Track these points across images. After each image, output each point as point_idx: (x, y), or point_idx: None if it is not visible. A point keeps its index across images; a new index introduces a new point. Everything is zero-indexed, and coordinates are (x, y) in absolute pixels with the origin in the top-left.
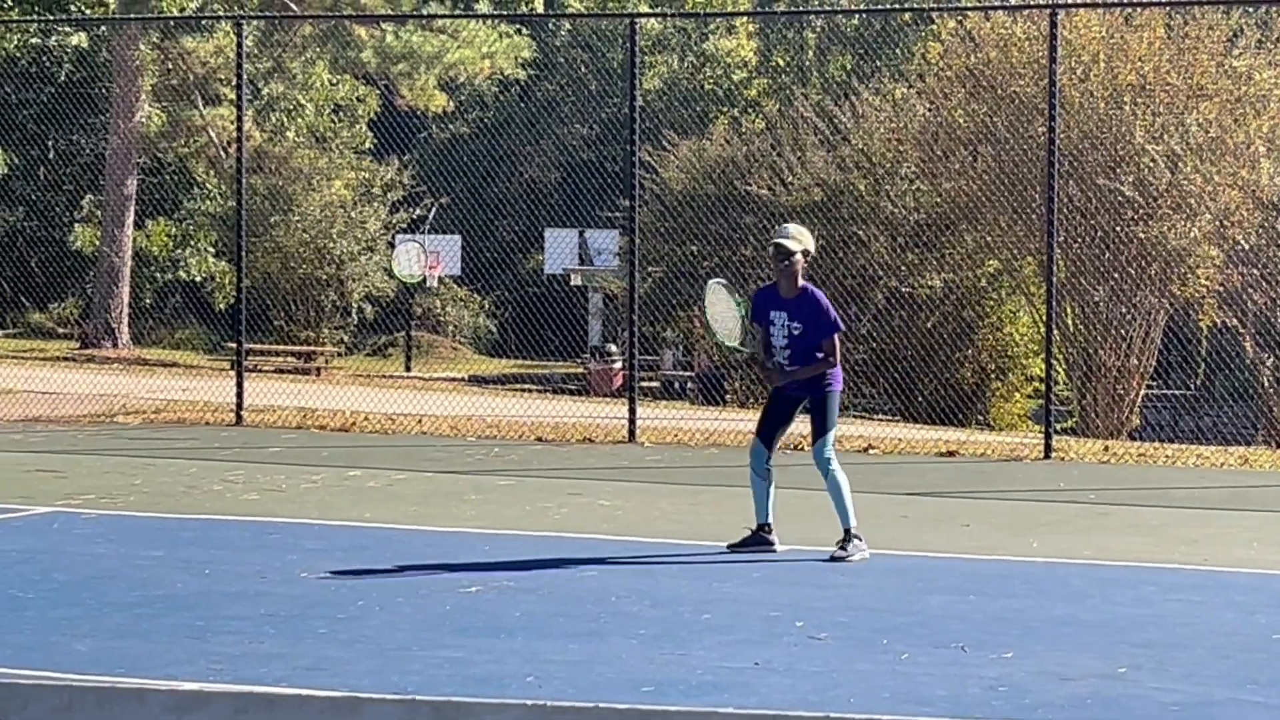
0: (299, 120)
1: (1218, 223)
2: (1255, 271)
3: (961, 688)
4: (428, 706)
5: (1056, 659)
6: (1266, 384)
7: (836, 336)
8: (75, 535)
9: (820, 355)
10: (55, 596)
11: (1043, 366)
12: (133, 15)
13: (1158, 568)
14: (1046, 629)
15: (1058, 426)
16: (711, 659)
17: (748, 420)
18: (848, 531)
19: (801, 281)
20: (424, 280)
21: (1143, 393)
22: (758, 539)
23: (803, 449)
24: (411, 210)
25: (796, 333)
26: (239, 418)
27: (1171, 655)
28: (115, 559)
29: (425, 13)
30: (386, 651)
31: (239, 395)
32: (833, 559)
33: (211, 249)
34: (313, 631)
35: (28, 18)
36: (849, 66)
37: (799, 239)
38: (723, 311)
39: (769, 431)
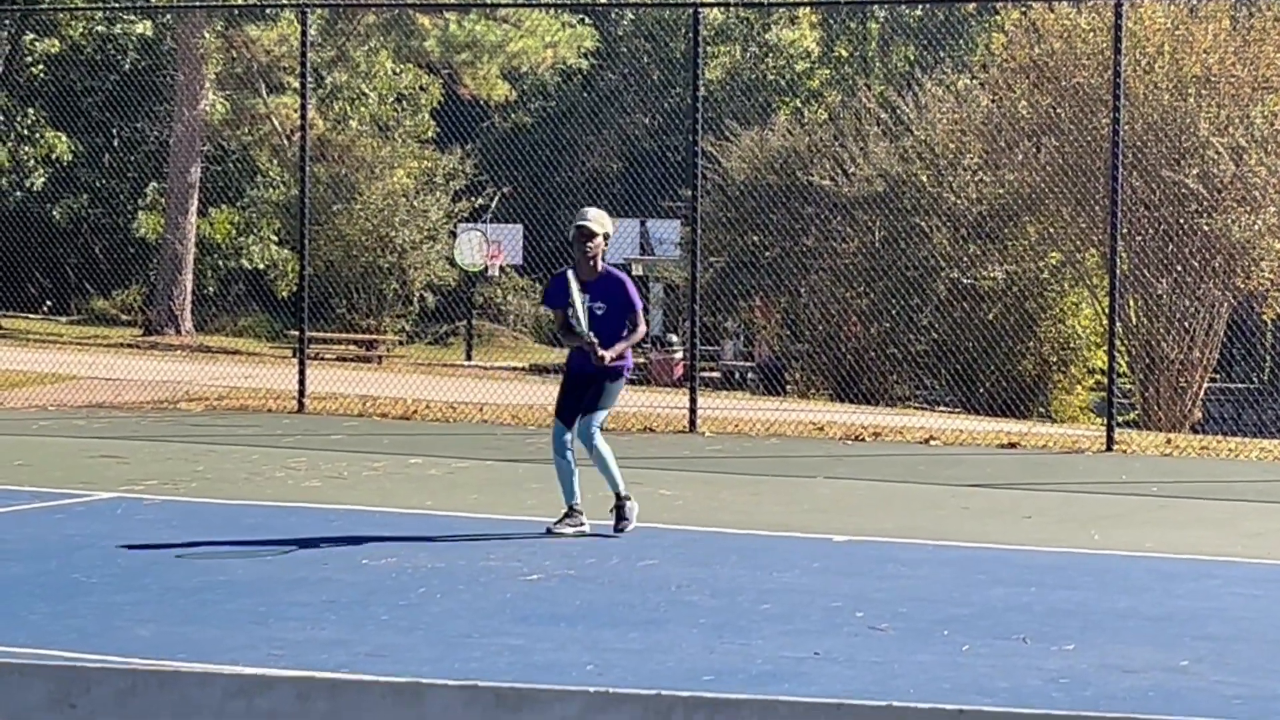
0: (362, 109)
1: None
2: None
3: (1022, 679)
4: (490, 693)
5: (1118, 652)
6: None
7: (640, 315)
8: (138, 521)
9: (625, 334)
10: (118, 581)
11: (1104, 359)
12: (197, 3)
13: (1220, 561)
14: (1108, 621)
15: (1119, 419)
16: (771, 648)
17: (809, 411)
18: (620, 496)
19: (601, 265)
20: (486, 269)
21: (1205, 386)
22: (571, 518)
23: (863, 440)
24: (474, 199)
25: (600, 313)
26: (301, 405)
27: (1234, 649)
28: (177, 545)
29: (488, 2)
30: (447, 638)
31: (301, 383)
32: (617, 531)
33: (274, 237)
34: (374, 618)
35: (93, 5)
36: (912, 57)
37: (600, 222)
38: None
39: (569, 412)
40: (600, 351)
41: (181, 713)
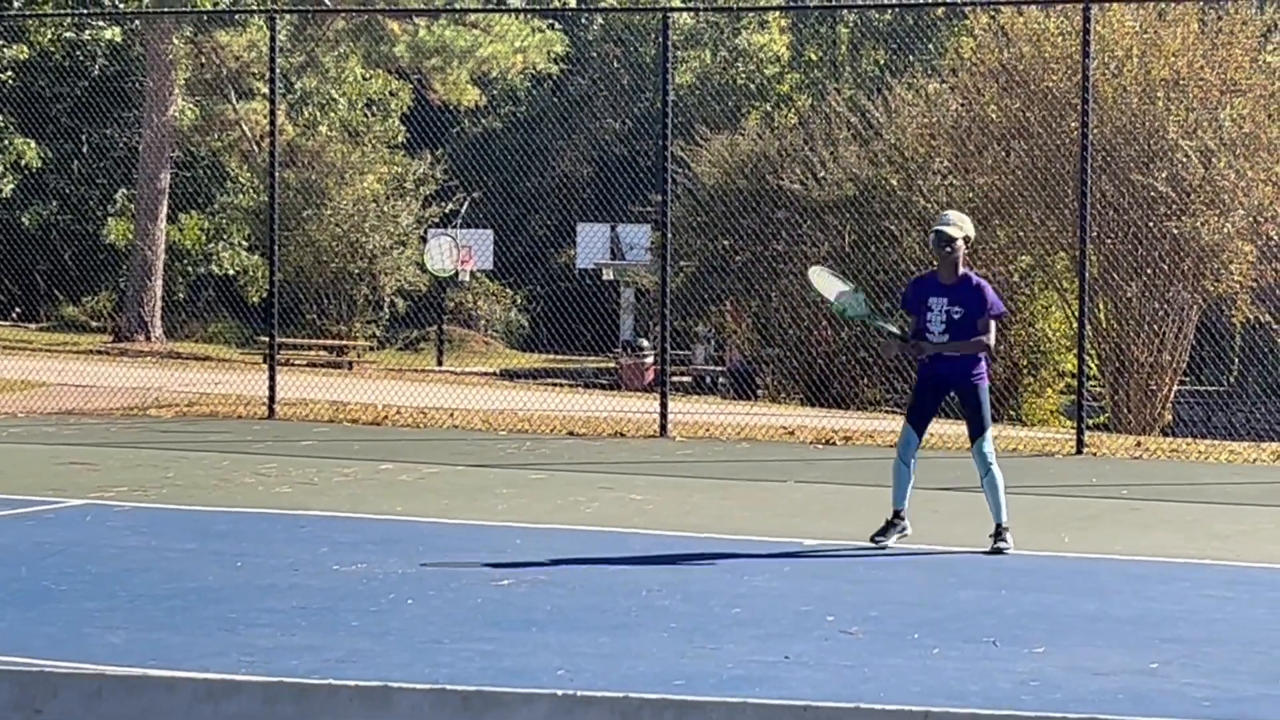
0: (332, 114)
1: (1251, 218)
2: None
3: (992, 682)
4: (457, 696)
5: (1088, 654)
6: None
7: (994, 321)
8: (108, 528)
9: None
10: (88, 588)
11: (1074, 362)
12: (166, 9)
13: (1189, 564)
14: (1078, 624)
15: (1089, 422)
16: (742, 653)
17: (780, 415)
18: (1000, 526)
19: (962, 269)
20: (456, 274)
21: (1175, 389)
22: (894, 525)
23: (834, 443)
24: (444, 205)
25: (957, 317)
26: (271, 411)
27: (1203, 651)
28: (148, 551)
29: (458, 7)
30: (418, 644)
31: (271, 389)
32: (991, 552)
33: (244, 243)
34: (344, 624)
35: (61, 11)
36: (882, 61)
37: (960, 225)
38: (832, 286)
39: (919, 419)
40: (924, 348)
41: (148, 718)
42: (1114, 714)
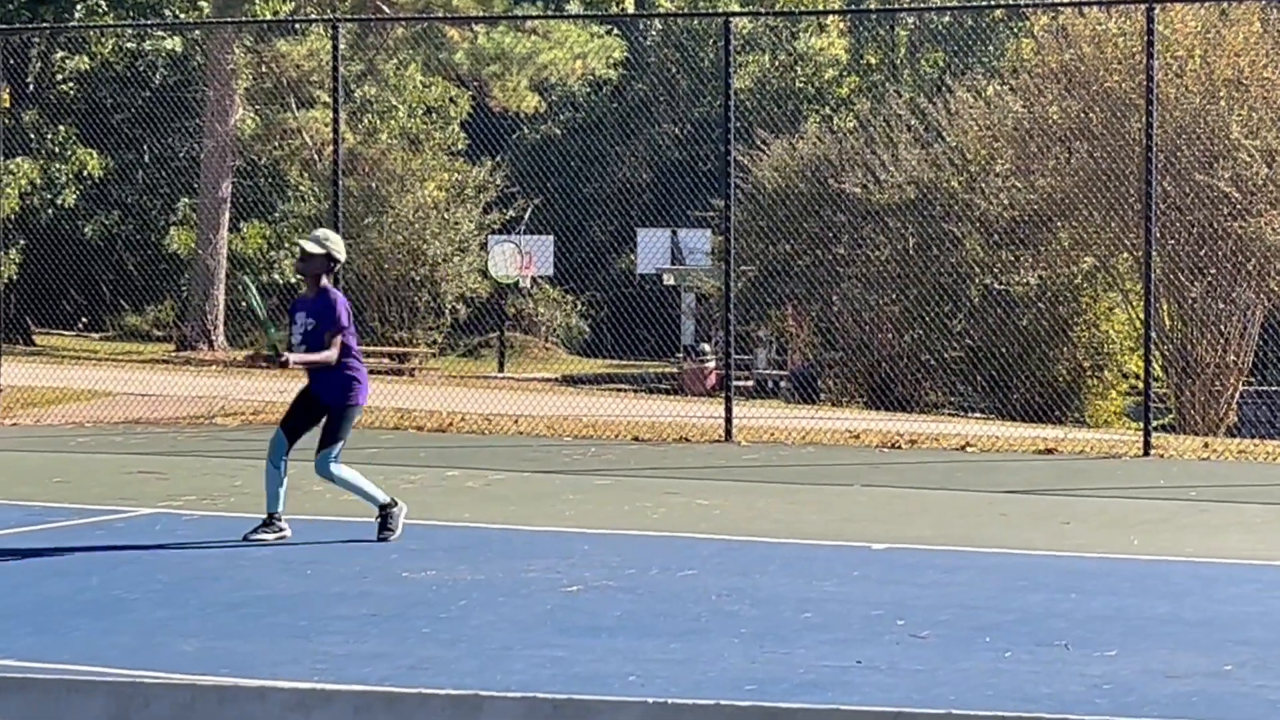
0: (391, 122)
1: None
2: None
3: (1065, 685)
4: (548, 704)
5: (1160, 657)
6: None
7: (338, 336)
8: (178, 536)
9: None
10: (159, 597)
11: (1138, 363)
12: (227, 19)
13: (1261, 565)
14: (1149, 627)
15: (1155, 423)
16: (813, 657)
17: (844, 419)
18: (382, 507)
19: (323, 283)
20: (518, 282)
21: (1240, 389)
22: (270, 526)
23: (899, 447)
24: (504, 211)
25: (310, 329)
26: None
27: (1276, 653)
28: (218, 560)
29: (517, 14)
30: (488, 651)
31: None
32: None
33: None
34: (415, 631)
35: (123, 23)
36: (941, 63)
37: (319, 243)
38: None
39: (291, 423)
40: (285, 355)
41: None
42: (1189, 717)
